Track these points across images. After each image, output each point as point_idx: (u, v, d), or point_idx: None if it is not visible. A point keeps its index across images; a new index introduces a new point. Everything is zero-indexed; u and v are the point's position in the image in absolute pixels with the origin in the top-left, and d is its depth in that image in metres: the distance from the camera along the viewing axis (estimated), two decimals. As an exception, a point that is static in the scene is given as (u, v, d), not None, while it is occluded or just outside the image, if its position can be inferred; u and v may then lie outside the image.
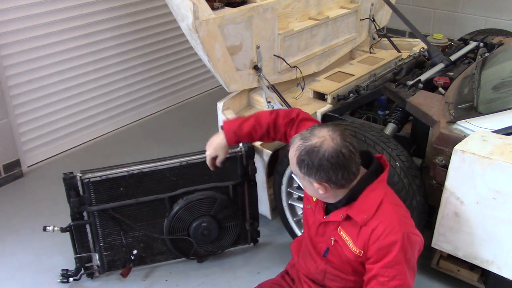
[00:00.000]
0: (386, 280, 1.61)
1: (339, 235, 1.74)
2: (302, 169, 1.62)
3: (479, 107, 2.16)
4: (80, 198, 2.26)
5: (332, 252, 1.80)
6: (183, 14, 2.42)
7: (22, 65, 3.28)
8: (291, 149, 1.66)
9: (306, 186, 1.71)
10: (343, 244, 1.74)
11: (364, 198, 1.65)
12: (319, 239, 1.84)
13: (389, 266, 1.60)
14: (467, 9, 4.57)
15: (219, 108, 2.80)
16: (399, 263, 1.60)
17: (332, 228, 1.76)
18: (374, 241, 1.61)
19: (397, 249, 1.58)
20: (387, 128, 2.54)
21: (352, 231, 1.69)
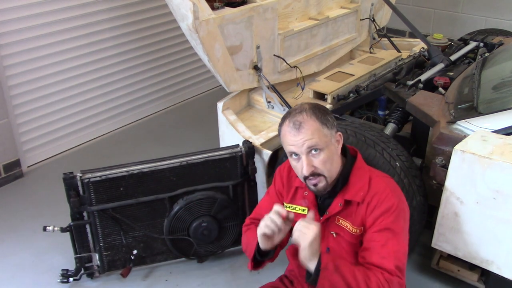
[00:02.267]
0: (380, 245, 1.67)
1: (339, 225, 1.78)
2: (328, 122, 1.69)
3: (479, 107, 2.16)
4: (80, 198, 2.26)
5: (334, 249, 1.81)
6: (183, 14, 2.42)
7: (22, 65, 3.28)
8: (304, 124, 1.66)
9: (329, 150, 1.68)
10: (343, 232, 1.77)
11: (354, 179, 1.74)
12: (322, 242, 1.81)
13: (384, 230, 1.66)
14: (467, 9, 4.57)
15: (219, 108, 2.80)
16: (393, 228, 1.67)
17: (331, 222, 1.79)
18: (371, 213, 1.69)
19: (392, 214, 1.67)
20: (387, 128, 2.54)
21: (350, 214, 1.75)
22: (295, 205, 1.89)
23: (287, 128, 1.69)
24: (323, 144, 1.67)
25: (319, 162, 1.68)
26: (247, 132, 2.60)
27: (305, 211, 1.85)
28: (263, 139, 2.54)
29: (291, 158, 1.73)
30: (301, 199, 1.87)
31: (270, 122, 2.86)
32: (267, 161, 2.48)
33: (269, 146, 2.53)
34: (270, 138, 2.57)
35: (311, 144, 1.66)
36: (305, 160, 1.67)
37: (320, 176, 1.69)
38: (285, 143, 1.72)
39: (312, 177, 1.69)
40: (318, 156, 1.67)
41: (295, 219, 1.79)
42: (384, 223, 1.67)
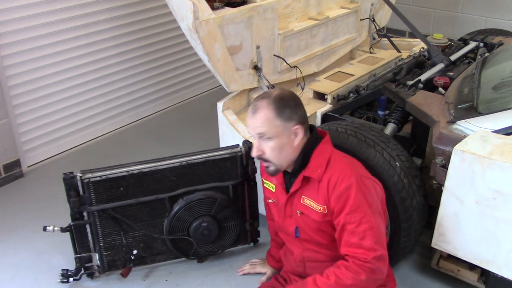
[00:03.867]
0: (354, 226, 1.72)
1: (303, 204, 1.86)
2: (285, 114, 1.76)
3: (479, 107, 2.16)
4: (80, 198, 2.26)
5: (302, 228, 1.91)
6: (183, 14, 2.42)
7: (22, 65, 3.28)
8: (259, 110, 1.75)
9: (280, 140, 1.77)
10: (309, 211, 1.85)
11: (315, 157, 1.83)
12: (288, 222, 1.95)
13: (352, 210, 1.72)
14: (467, 9, 4.57)
15: (219, 108, 2.80)
16: (360, 205, 1.72)
17: (296, 201, 1.88)
18: (332, 191, 1.76)
19: (354, 191, 1.72)
20: (387, 128, 2.54)
21: (313, 192, 1.83)
22: (269, 181, 2.03)
23: (249, 109, 1.81)
24: (272, 134, 1.77)
25: (267, 149, 1.79)
26: (247, 132, 2.60)
27: (273, 189, 2.01)
28: (263, 139, 2.54)
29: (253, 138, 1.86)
30: (272, 177, 1.97)
31: (270, 122, 2.86)
32: (267, 161, 2.48)
33: (269, 146, 2.53)
34: (270, 138, 2.57)
35: (260, 131, 1.77)
36: (255, 143, 1.82)
37: (269, 162, 1.82)
38: (247, 121, 1.85)
39: (263, 161, 1.83)
40: (268, 143, 1.78)
41: (266, 195, 2.09)
42: (349, 202, 1.72)
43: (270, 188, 2.04)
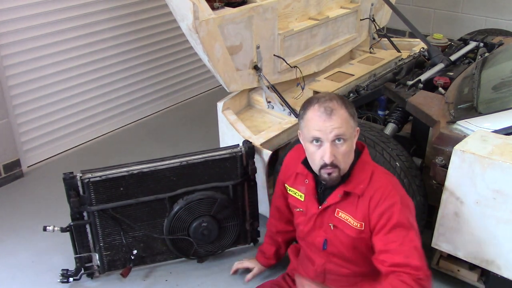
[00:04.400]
0: (398, 245, 1.66)
1: (338, 218, 1.79)
2: (355, 116, 1.72)
3: (479, 107, 2.16)
4: (80, 198, 2.26)
5: (332, 241, 1.83)
6: (183, 14, 2.42)
7: (22, 65, 3.28)
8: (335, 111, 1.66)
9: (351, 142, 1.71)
10: (343, 225, 1.78)
11: (357, 172, 1.76)
12: (316, 233, 1.87)
13: (396, 228, 1.67)
14: (467, 9, 4.57)
15: (219, 108, 2.80)
16: (403, 224, 1.67)
17: (330, 213, 1.81)
18: (374, 208, 1.69)
19: (398, 210, 1.67)
20: (387, 128, 2.54)
21: (350, 207, 1.76)
22: (295, 189, 1.95)
23: (316, 113, 1.67)
24: (349, 135, 1.68)
25: (341, 153, 1.68)
26: (247, 132, 2.60)
27: (302, 197, 1.91)
28: (263, 139, 2.54)
29: (310, 144, 1.71)
30: (300, 185, 1.91)
31: (270, 122, 2.86)
32: (267, 161, 2.48)
33: (269, 146, 2.53)
34: (270, 138, 2.57)
35: (339, 133, 1.65)
36: (329, 147, 1.66)
37: (336, 168, 1.69)
38: (310, 127, 1.69)
39: (330, 167, 1.68)
40: (341, 146, 1.67)
41: (292, 203, 1.99)
42: (392, 221, 1.66)
43: (298, 196, 1.93)
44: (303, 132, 1.75)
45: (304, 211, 1.90)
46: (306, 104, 1.74)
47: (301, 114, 1.76)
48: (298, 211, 1.94)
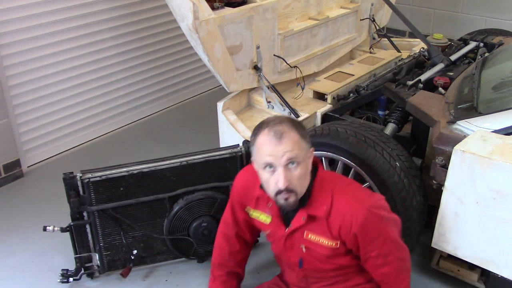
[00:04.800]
0: (383, 258, 1.72)
1: (308, 240, 1.76)
2: (307, 137, 1.69)
3: (479, 107, 2.15)
4: (80, 198, 2.26)
5: (307, 260, 1.81)
6: (183, 14, 2.42)
7: (22, 65, 3.28)
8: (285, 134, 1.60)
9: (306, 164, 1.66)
10: (315, 246, 1.76)
11: (316, 192, 1.72)
12: (289, 253, 1.83)
13: (374, 242, 1.70)
14: (467, 9, 4.57)
15: (219, 108, 2.80)
16: (381, 235, 1.70)
17: (299, 236, 1.77)
18: (348, 232, 1.68)
19: (372, 224, 1.68)
20: (387, 128, 2.54)
21: (320, 228, 1.73)
22: (259, 212, 1.86)
23: (266, 137, 1.61)
24: (301, 158, 1.63)
25: (295, 177, 1.62)
26: (247, 132, 2.60)
27: (267, 220, 1.82)
28: (263, 139, 2.54)
29: (263, 170, 1.64)
30: (264, 208, 1.84)
31: (270, 122, 2.86)
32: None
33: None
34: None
35: (291, 156, 1.59)
36: (283, 172, 1.60)
37: (292, 192, 1.63)
38: (261, 153, 1.63)
39: (285, 192, 1.62)
40: (295, 170, 1.62)
41: (258, 226, 1.90)
42: (369, 238, 1.69)
43: (262, 220, 1.86)
44: (256, 159, 1.68)
45: (272, 234, 1.85)
46: (256, 129, 1.67)
47: (252, 141, 1.68)
48: (267, 234, 1.89)
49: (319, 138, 2.31)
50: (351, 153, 2.19)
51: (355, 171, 2.24)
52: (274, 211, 1.80)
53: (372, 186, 2.19)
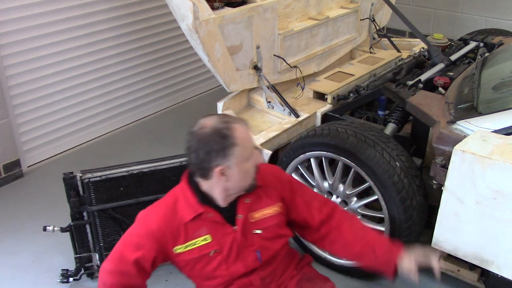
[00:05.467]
0: (312, 197, 1.89)
1: (257, 220, 1.77)
2: None
3: (479, 107, 2.15)
4: (80, 198, 2.26)
5: (263, 246, 1.79)
6: (183, 14, 2.42)
7: (22, 65, 3.28)
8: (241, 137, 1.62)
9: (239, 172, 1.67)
10: (265, 222, 1.78)
11: None
12: (245, 255, 1.77)
13: (305, 189, 1.91)
14: (467, 9, 4.57)
15: (219, 108, 2.80)
16: (303, 185, 1.95)
17: (248, 224, 1.76)
18: (281, 186, 1.82)
19: (289, 176, 1.99)
20: (387, 128, 2.54)
21: (261, 202, 1.78)
22: (195, 240, 1.72)
23: (244, 129, 1.64)
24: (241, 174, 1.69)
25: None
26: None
27: (207, 239, 1.72)
28: (263, 139, 2.54)
29: (247, 162, 1.64)
30: (198, 230, 1.72)
31: (270, 122, 2.86)
32: (267, 161, 2.48)
33: (269, 146, 2.53)
34: (270, 138, 2.57)
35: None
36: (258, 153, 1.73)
37: None
38: (247, 146, 1.64)
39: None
40: None
41: (199, 251, 1.72)
42: (298, 185, 1.90)
43: (201, 243, 1.72)
44: (241, 156, 1.62)
45: (219, 249, 1.73)
46: (225, 133, 1.60)
47: (228, 146, 1.59)
48: (212, 256, 1.74)
49: (319, 138, 2.31)
50: (351, 153, 2.19)
51: (355, 171, 2.24)
52: (217, 219, 1.72)
53: (372, 186, 2.19)
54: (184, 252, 1.72)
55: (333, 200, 2.39)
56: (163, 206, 1.73)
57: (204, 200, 1.70)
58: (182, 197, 1.73)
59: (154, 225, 1.69)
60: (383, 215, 2.22)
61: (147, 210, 1.75)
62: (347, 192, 2.32)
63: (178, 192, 1.75)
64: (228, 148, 1.60)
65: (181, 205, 1.71)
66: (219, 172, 1.62)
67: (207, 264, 1.75)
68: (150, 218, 1.71)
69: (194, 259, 1.74)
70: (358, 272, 2.44)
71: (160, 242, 1.69)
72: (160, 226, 1.68)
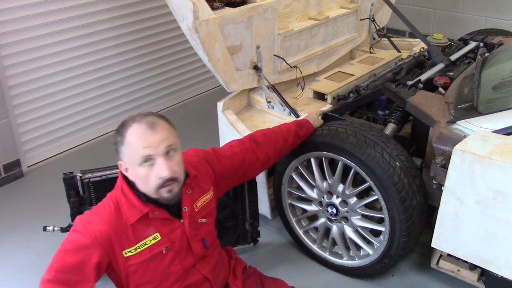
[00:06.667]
0: (229, 147, 2.11)
1: (200, 209, 1.82)
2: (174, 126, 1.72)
3: (479, 107, 2.15)
4: (80, 198, 2.26)
5: (207, 232, 1.85)
6: (183, 14, 2.42)
7: (22, 65, 3.28)
8: (157, 124, 1.62)
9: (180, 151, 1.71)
10: (206, 208, 1.85)
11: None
12: (193, 245, 1.78)
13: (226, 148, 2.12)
14: (467, 9, 4.57)
15: (219, 108, 2.80)
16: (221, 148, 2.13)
17: (193, 214, 1.78)
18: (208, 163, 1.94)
19: (202, 151, 2.04)
20: (387, 128, 2.54)
21: (200, 190, 1.84)
22: (144, 240, 1.68)
23: (138, 131, 1.58)
24: (177, 145, 1.65)
25: (175, 164, 1.62)
26: (247, 132, 2.60)
27: (157, 238, 1.69)
28: (263, 139, 2.54)
29: (141, 167, 1.58)
30: (146, 230, 1.68)
31: (270, 122, 2.86)
32: (267, 161, 2.48)
33: (269, 146, 2.53)
34: (270, 138, 2.57)
35: (169, 143, 1.59)
36: (165, 161, 1.58)
37: (176, 181, 1.63)
38: (136, 148, 1.57)
39: (169, 182, 1.60)
40: (174, 158, 1.62)
41: (150, 251, 1.69)
42: (219, 150, 2.05)
43: (152, 244, 1.69)
44: (129, 158, 1.60)
45: (170, 246, 1.72)
46: (122, 128, 1.62)
47: (118, 142, 1.62)
48: (164, 253, 1.72)
49: (319, 138, 2.31)
50: (351, 153, 2.20)
51: (355, 171, 2.24)
52: (164, 215, 1.70)
53: (372, 186, 2.20)
54: (135, 255, 1.67)
55: (333, 200, 2.39)
56: (105, 210, 1.67)
57: (147, 198, 1.66)
58: (124, 199, 1.67)
59: (97, 230, 1.61)
60: (383, 215, 2.22)
61: (87, 215, 1.67)
62: (347, 192, 2.32)
63: (119, 194, 1.69)
64: (117, 145, 1.64)
65: (124, 207, 1.66)
66: (122, 167, 1.67)
67: (160, 262, 1.71)
68: (92, 223, 1.63)
69: (146, 260, 1.69)
70: (358, 272, 2.44)
71: (105, 247, 1.62)
72: (105, 230, 1.61)
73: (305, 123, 2.33)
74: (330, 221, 2.47)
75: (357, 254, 2.44)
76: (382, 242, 2.29)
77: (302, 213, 2.61)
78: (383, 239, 2.28)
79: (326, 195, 2.42)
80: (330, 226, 2.47)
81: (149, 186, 1.61)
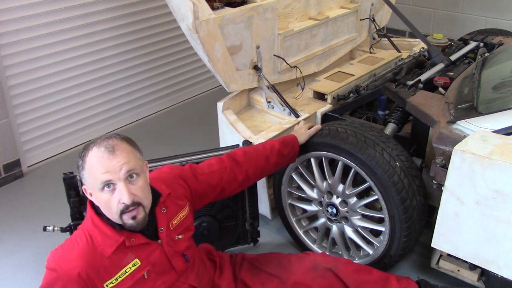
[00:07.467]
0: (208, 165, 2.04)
1: (176, 226, 1.77)
2: (139, 149, 1.64)
3: (479, 107, 2.15)
4: (80, 198, 2.26)
5: (187, 246, 1.82)
6: (183, 14, 2.43)
7: (22, 65, 3.28)
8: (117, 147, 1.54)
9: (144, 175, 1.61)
10: (183, 224, 1.80)
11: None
12: (176, 260, 1.75)
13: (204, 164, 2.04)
14: (467, 9, 4.57)
15: (219, 108, 2.81)
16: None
17: (170, 232, 1.74)
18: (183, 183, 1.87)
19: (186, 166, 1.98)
20: (387, 128, 2.54)
21: (175, 207, 1.79)
22: (124, 269, 1.64)
23: (97, 154, 1.51)
24: (140, 169, 1.57)
25: (138, 189, 1.54)
26: (247, 132, 2.60)
27: (137, 264, 1.65)
28: (263, 139, 2.54)
29: (102, 192, 1.52)
30: (124, 259, 1.63)
31: (270, 122, 2.86)
32: (267, 161, 2.48)
33: (269, 146, 2.53)
34: (270, 138, 2.57)
35: (130, 168, 1.52)
36: (124, 187, 1.51)
37: (140, 206, 1.56)
38: (95, 173, 1.50)
39: (132, 208, 1.53)
40: (136, 182, 1.55)
41: (131, 278, 1.64)
42: (196, 168, 1.98)
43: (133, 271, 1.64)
44: (90, 183, 1.54)
45: (151, 268, 1.68)
46: (83, 152, 1.57)
47: (79, 167, 1.56)
48: (147, 277, 1.68)
49: (319, 138, 2.31)
50: (351, 153, 2.20)
51: (355, 171, 2.24)
52: (141, 241, 1.65)
53: (372, 186, 2.20)
54: (116, 285, 1.62)
55: (333, 200, 2.39)
56: (78, 246, 1.59)
57: (120, 226, 1.59)
58: (97, 231, 1.60)
59: (71, 267, 1.55)
60: (383, 215, 2.22)
61: (59, 252, 1.60)
62: (347, 192, 2.32)
63: (90, 227, 1.62)
64: (79, 169, 1.57)
65: (98, 240, 1.59)
66: (87, 192, 1.59)
67: (143, 286, 1.68)
68: (66, 261, 1.57)
69: (129, 287, 1.65)
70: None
71: (81, 284, 1.56)
72: (80, 267, 1.55)
73: (291, 140, 2.26)
74: (330, 221, 2.47)
75: (357, 254, 2.44)
76: (382, 242, 2.29)
77: (302, 213, 2.61)
78: (383, 239, 2.28)
79: (326, 195, 2.42)
80: (330, 226, 2.48)
81: (112, 212, 1.55)
